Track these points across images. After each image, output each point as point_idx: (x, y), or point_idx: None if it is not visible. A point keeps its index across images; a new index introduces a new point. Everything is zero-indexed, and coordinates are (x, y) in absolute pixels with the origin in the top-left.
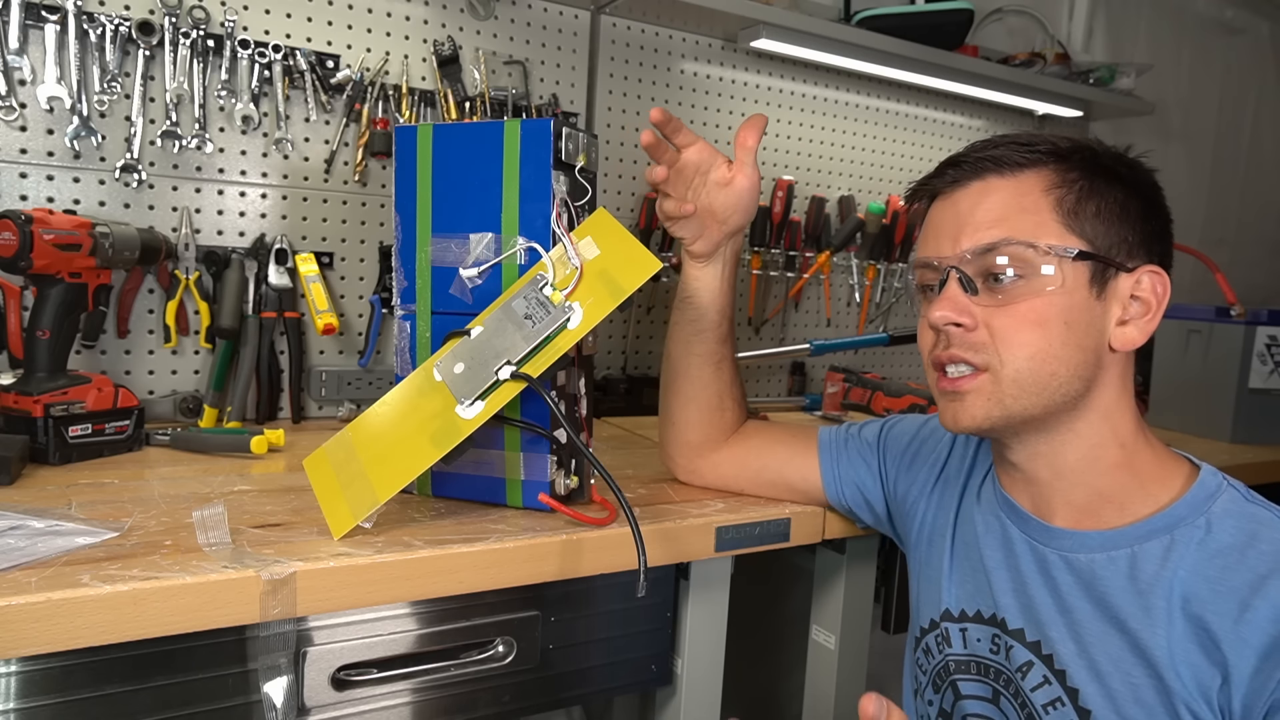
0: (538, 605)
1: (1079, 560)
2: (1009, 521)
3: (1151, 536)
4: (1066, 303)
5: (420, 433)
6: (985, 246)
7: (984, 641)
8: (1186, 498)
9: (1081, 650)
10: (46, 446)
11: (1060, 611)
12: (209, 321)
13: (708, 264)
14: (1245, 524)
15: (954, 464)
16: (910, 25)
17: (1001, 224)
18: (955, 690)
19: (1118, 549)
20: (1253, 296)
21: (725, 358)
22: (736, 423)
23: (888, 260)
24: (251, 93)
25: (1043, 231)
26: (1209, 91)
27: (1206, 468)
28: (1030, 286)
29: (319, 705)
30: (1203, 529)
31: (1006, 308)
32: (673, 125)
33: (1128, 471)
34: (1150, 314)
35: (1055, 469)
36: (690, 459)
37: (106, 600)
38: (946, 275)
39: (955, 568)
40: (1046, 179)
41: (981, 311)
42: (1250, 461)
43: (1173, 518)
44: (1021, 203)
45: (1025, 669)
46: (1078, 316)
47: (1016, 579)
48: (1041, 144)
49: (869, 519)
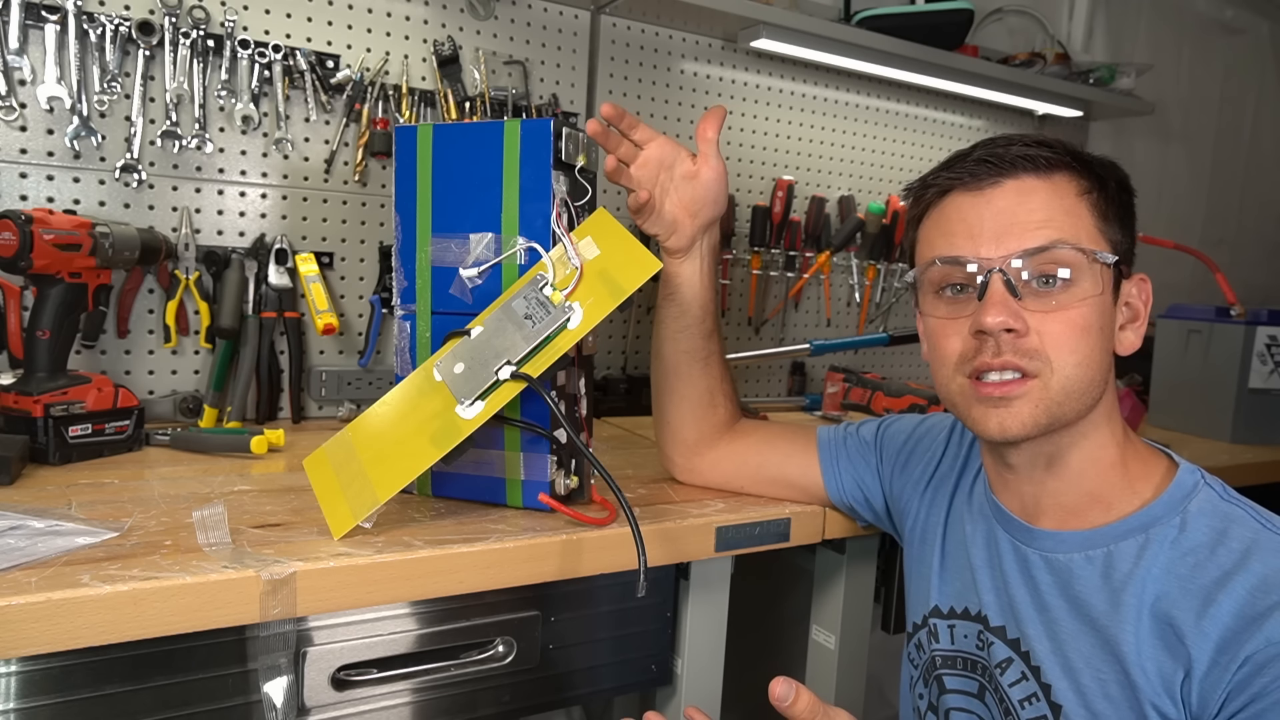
0: (538, 605)
1: (1058, 560)
2: (995, 523)
3: (1128, 535)
4: (1102, 308)
5: (420, 433)
6: (1038, 248)
7: (970, 638)
8: (1164, 497)
9: (1056, 648)
10: (46, 446)
11: (1038, 610)
12: (209, 321)
13: (685, 259)
14: (1217, 522)
15: (946, 464)
16: (910, 25)
17: (1049, 225)
18: (940, 684)
19: (1095, 548)
20: (1253, 296)
21: (713, 353)
22: (729, 419)
23: (888, 260)
24: (251, 93)
25: (1086, 236)
26: (1209, 91)
27: (1185, 466)
28: (1077, 291)
29: (319, 705)
30: (1177, 528)
31: (1055, 313)
32: (628, 121)
33: (1120, 470)
34: (1140, 320)
35: (1056, 471)
36: (688, 458)
37: (106, 600)
38: (989, 277)
39: (945, 566)
40: (1076, 182)
41: (1029, 316)
42: (1250, 461)
43: (1149, 517)
44: (1064, 204)
45: (1004, 665)
46: (1106, 322)
47: (999, 578)
48: (1056, 145)
49: (869, 515)
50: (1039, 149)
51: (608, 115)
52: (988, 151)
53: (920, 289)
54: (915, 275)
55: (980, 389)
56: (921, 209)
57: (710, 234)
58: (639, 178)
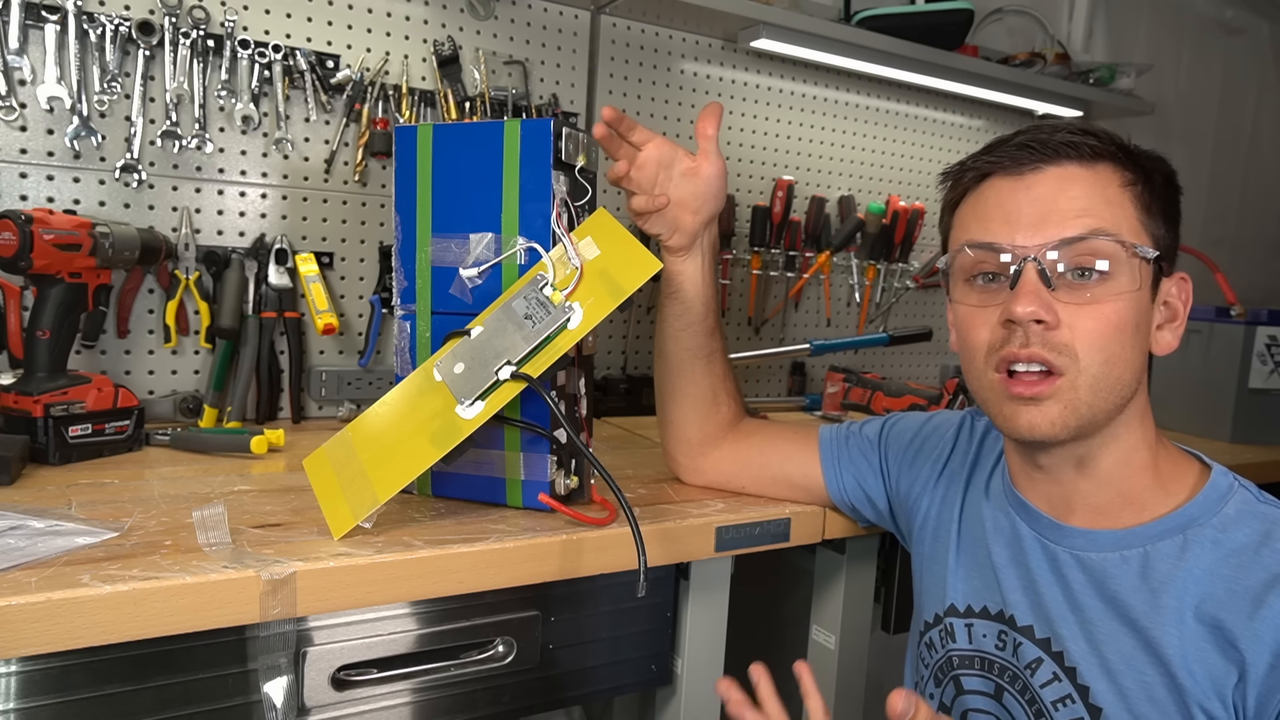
0: (538, 605)
1: (1091, 559)
2: (1019, 519)
3: (1165, 536)
4: (1138, 305)
5: (420, 433)
6: (1076, 238)
7: (990, 637)
8: (1199, 498)
9: (1093, 648)
10: (46, 446)
11: (1071, 609)
12: (209, 321)
13: (687, 257)
14: (1259, 524)
15: (957, 459)
16: (910, 25)
17: (1089, 215)
18: (957, 685)
19: (1130, 548)
20: (1253, 296)
21: (715, 351)
22: (733, 417)
23: (888, 260)
24: (251, 93)
25: (1127, 228)
26: (1209, 91)
27: (1218, 468)
28: (1113, 286)
29: (319, 705)
30: (1217, 528)
31: (1088, 307)
32: (626, 124)
33: (1152, 472)
34: (1179, 320)
35: (1086, 473)
36: (692, 457)
37: (106, 600)
38: (1022, 265)
39: (961, 563)
40: (1120, 174)
41: (1062, 309)
42: (1250, 461)
43: (1186, 517)
44: (1106, 194)
45: (1034, 665)
46: (1142, 320)
47: (1026, 576)
48: (1102, 135)
49: (871, 515)
50: (1084, 137)
51: (609, 119)
52: (1031, 136)
53: (951, 276)
54: (946, 261)
55: (1011, 387)
56: (959, 194)
57: (710, 231)
58: (638, 180)
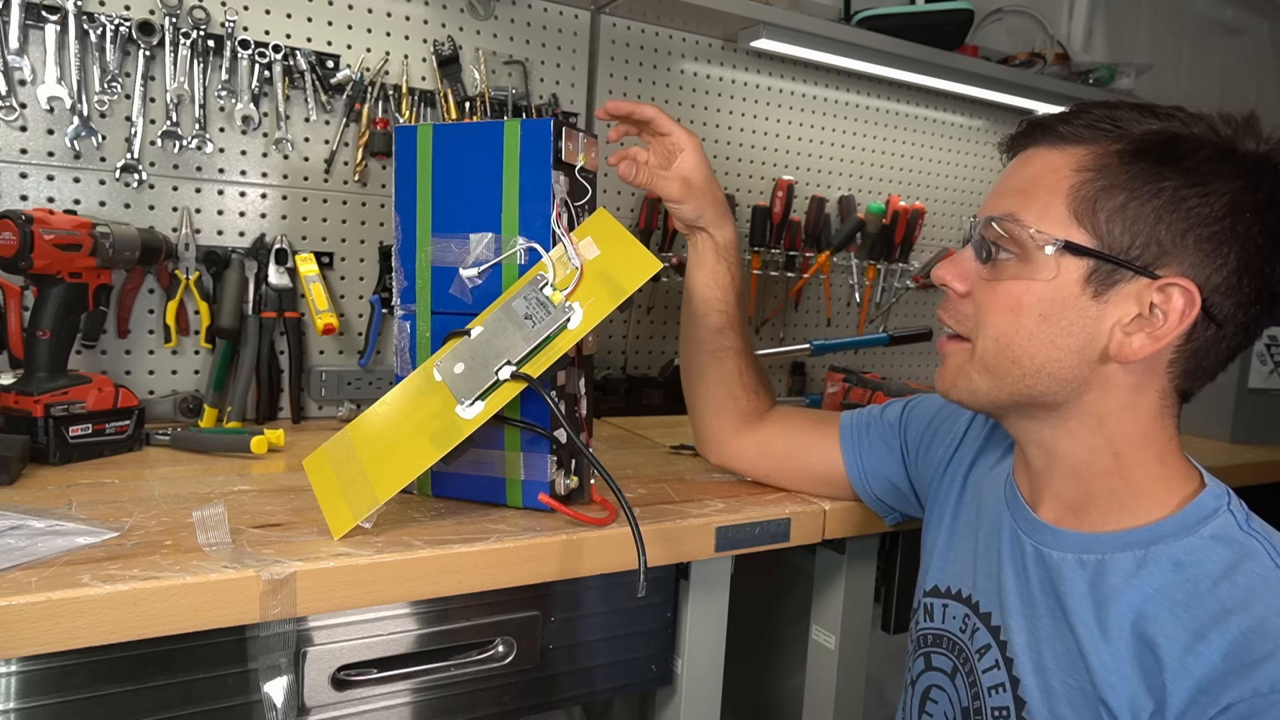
0: (538, 605)
1: (1051, 556)
2: (1006, 509)
3: (1126, 549)
4: (1049, 295)
5: (420, 433)
6: (988, 217)
7: (956, 620)
8: (1177, 516)
9: (1033, 643)
10: (47, 446)
11: (1023, 602)
12: (209, 321)
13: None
14: (1230, 553)
15: (967, 445)
16: (910, 25)
17: (1018, 197)
18: (927, 660)
19: (1089, 554)
20: None
21: (723, 348)
22: (754, 409)
23: (888, 260)
24: (252, 93)
25: (1045, 215)
26: (1209, 91)
27: (1211, 490)
28: (1018, 269)
29: (319, 705)
30: (1184, 550)
31: (992, 284)
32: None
33: (1119, 480)
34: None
35: (1048, 459)
36: (717, 445)
37: (106, 600)
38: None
39: (950, 546)
40: (1090, 159)
41: (977, 282)
42: (1250, 461)
43: (1155, 534)
44: (1046, 180)
45: (983, 650)
46: (1057, 311)
47: (995, 565)
48: (1124, 119)
49: (896, 502)
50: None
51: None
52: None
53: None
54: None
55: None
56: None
57: (712, 235)
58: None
